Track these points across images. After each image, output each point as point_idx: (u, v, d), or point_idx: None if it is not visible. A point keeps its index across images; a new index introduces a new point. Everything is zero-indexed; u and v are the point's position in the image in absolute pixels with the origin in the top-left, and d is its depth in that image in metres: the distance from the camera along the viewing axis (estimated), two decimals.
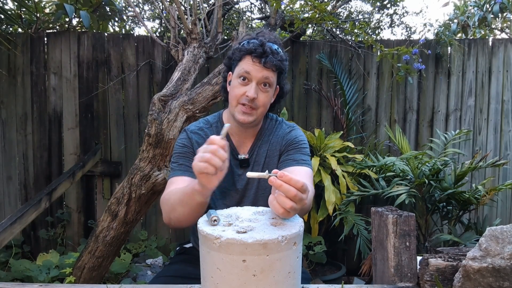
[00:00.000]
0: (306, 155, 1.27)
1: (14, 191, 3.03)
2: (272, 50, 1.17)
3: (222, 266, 0.73)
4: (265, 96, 1.20)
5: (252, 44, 1.17)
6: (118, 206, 2.01)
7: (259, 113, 1.21)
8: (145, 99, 3.08)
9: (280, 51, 1.22)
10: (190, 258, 1.37)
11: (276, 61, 1.17)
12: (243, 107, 1.18)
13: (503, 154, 3.25)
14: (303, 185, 0.79)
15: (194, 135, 1.27)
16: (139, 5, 4.48)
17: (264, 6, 3.99)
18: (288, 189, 0.78)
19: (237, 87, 1.19)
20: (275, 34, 1.30)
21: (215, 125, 1.30)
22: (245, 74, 1.18)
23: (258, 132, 1.31)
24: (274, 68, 1.18)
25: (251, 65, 1.17)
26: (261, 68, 1.17)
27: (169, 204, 1.07)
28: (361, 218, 2.56)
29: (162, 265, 2.86)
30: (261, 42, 1.18)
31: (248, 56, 1.18)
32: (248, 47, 1.18)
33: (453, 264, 0.92)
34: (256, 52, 1.16)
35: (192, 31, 2.23)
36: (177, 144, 1.26)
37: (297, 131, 1.32)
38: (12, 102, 2.99)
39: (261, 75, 1.17)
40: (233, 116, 1.22)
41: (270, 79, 1.19)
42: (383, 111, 3.21)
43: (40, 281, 2.20)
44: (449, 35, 3.18)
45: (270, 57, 1.16)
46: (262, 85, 1.19)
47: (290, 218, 0.84)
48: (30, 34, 2.97)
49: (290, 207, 0.79)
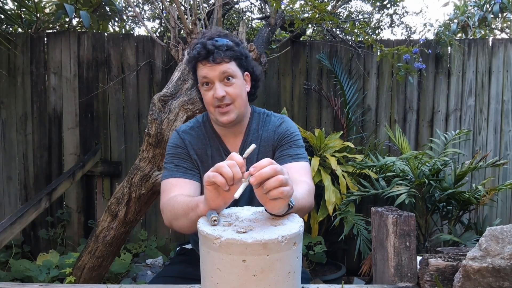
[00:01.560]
0: (301, 148, 1.25)
1: (14, 191, 3.03)
2: (215, 45, 1.15)
3: (222, 266, 0.73)
4: (234, 88, 1.18)
5: (196, 49, 1.17)
6: (118, 206, 2.01)
7: (238, 106, 1.19)
8: (145, 99, 3.08)
9: (225, 41, 1.18)
10: (190, 259, 1.37)
11: (224, 52, 1.15)
12: (219, 108, 1.17)
13: (503, 154, 3.25)
14: (275, 168, 0.78)
15: (186, 135, 1.25)
16: (139, 5, 4.48)
17: (264, 6, 3.99)
18: (261, 177, 0.77)
19: (205, 94, 1.19)
20: (218, 28, 1.29)
21: (203, 125, 1.29)
22: (204, 80, 1.17)
23: (247, 128, 1.28)
24: (227, 60, 1.16)
25: (204, 69, 1.16)
26: (214, 66, 1.15)
27: (173, 213, 1.05)
28: (361, 218, 2.56)
29: (162, 265, 2.86)
30: (202, 44, 1.16)
31: (198, 63, 1.18)
32: (193, 55, 1.17)
33: (453, 264, 0.92)
34: (201, 55, 1.15)
35: (192, 31, 2.23)
36: (169, 145, 1.25)
37: (288, 122, 1.29)
38: (12, 102, 2.99)
39: (217, 72, 1.15)
40: (216, 121, 1.21)
41: (228, 71, 1.16)
42: (383, 111, 3.21)
43: (40, 281, 2.20)
44: (449, 35, 3.18)
45: (216, 52, 1.14)
46: (226, 80, 1.17)
47: (290, 217, 0.84)
48: (30, 34, 2.97)
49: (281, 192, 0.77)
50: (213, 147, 1.26)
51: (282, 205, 0.80)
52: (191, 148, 1.24)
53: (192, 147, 1.24)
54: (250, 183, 0.79)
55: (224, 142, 1.27)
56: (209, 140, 1.27)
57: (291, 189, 0.80)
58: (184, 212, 0.99)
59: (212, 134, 1.28)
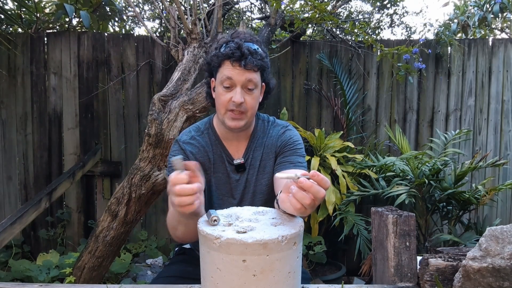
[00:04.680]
0: (302, 157, 1.25)
1: (14, 191, 3.03)
2: (250, 51, 1.13)
3: (222, 266, 0.73)
4: (252, 98, 1.17)
5: (229, 47, 1.13)
6: (118, 206, 2.01)
7: (249, 116, 1.19)
8: (145, 99, 3.08)
9: (259, 49, 1.17)
10: (190, 259, 1.37)
11: (257, 61, 1.13)
12: (232, 113, 1.15)
13: (503, 154, 3.25)
14: (329, 185, 0.79)
15: (187, 145, 1.24)
16: (139, 5, 4.48)
17: (264, 6, 3.99)
18: (318, 190, 0.76)
19: (222, 94, 1.16)
20: (250, 32, 1.26)
21: (206, 132, 1.28)
22: (227, 81, 1.14)
23: (251, 134, 1.28)
24: (255, 69, 1.14)
25: (231, 70, 1.13)
26: (243, 71, 1.12)
27: (172, 224, 1.06)
28: (361, 218, 2.56)
29: (162, 265, 2.86)
30: (237, 44, 1.13)
31: (227, 61, 1.13)
32: (225, 52, 1.13)
33: (453, 264, 0.92)
34: (234, 56, 1.11)
35: (192, 31, 2.23)
36: (170, 157, 1.23)
37: (292, 131, 1.29)
38: (12, 102, 2.99)
39: (244, 78, 1.13)
40: (223, 123, 1.19)
41: (253, 80, 1.15)
42: (383, 111, 3.21)
43: (40, 281, 2.20)
44: (449, 35, 3.17)
45: (250, 58, 1.12)
46: (247, 88, 1.15)
47: (291, 217, 0.84)
48: (30, 34, 2.97)
49: (309, 204, 0.77)
50: (215, 153, 1.26)
51: (304, 213, 0.81)
52: (193, 158, 1.22)
53: (194, 157, 1.23)
54: (299, 182, 0.78)
55: (227, 149, 1.26)
56: (212, 147, 1.26)
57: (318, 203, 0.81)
58: (178, 222, 1.00)
59: (215, 141, 1.26)
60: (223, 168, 1.26)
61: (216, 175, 1.26)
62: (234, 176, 1.26)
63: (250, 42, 1.16)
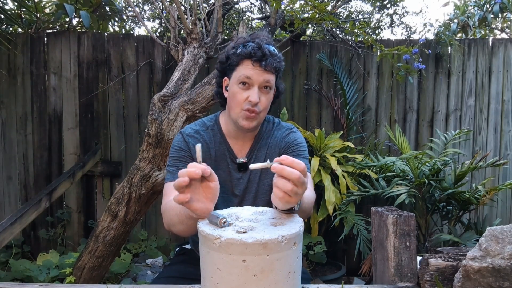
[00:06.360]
0: (305, 159, 1.26)
1: (14, 191, 3.03)
2: (270, 52, 1.15)
3: (222, 266, 0.73)
4: (267, 99, 1.19)
5: (250, 47, 1.14)
6: (118, 206, 2.01)
7: (262, 116, 1.20)
8: (145, 99, 3.08)
9: (277, 52, 1.20)
10: (190, 259, 1.37)
11: (276, 63, 1.16)
12: (247, 112, 1.16)
13: (503, 154, 3.25)
14: (304, 168, 0.77)
15: (191, 138, 1.24)
16: (139, 5, 4.47)
17: (264, 6, 3.99)
18: (290, 172, 0.75)
19: (239, 93, 1.16)
20: (268, 35, 1.27)
21: (211, 128, 1.28)
22: (246, 79, 1.15)
23: (257, 135, 1.29)
24: (273, 71, 1.17)
25: (251, 70, 1.14)
26: (262, 71, 1.14)
27: (169, 218, 1.04)
28: (361, 218, 2.56)
29: (162, 265, 2.86)
30: (258, 45, 1.15)
31: (247, 60, 1.15)
32: (246, 51, 1.14)
33: (453, 264, 0.92)
34: (255, 56, 1.13)
35: (192, 31, 2.23)
36: (173, 147, 1.23)
37: (296, 133, 1.30)
38: (12, 102, 2.99)
39: (262, 78, 1.15)
40: (236, 122, 1.19)
41: (271, 82, 1.17)
42: (383, 111, 3.22)
43: (40, 281, 2.20)
44: (449, 35, 3.17)
45: (270, 60, 1.14)
46: (264, 88, 1.17)
47: (290, 217, 0.84)
48: (30, 34, 2.97)
49: (291, 190, 0.76)
50: (218, 150, 1.26)
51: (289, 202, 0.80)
52: (194, 152, 1.23)
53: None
54: (272, 168, 0.77)
55: (231, 147, 1.27)
56: (215, 144, 1.26)
57: (302, 193, 0.79)
58: (178, 218, 0.98)
59: (219, 138, 1.27)
60: (225, 166, 1.26)
61: (217, 172, 1.26)
62: (236, 174, 1.26)
63: (269, 44, 1.19)
